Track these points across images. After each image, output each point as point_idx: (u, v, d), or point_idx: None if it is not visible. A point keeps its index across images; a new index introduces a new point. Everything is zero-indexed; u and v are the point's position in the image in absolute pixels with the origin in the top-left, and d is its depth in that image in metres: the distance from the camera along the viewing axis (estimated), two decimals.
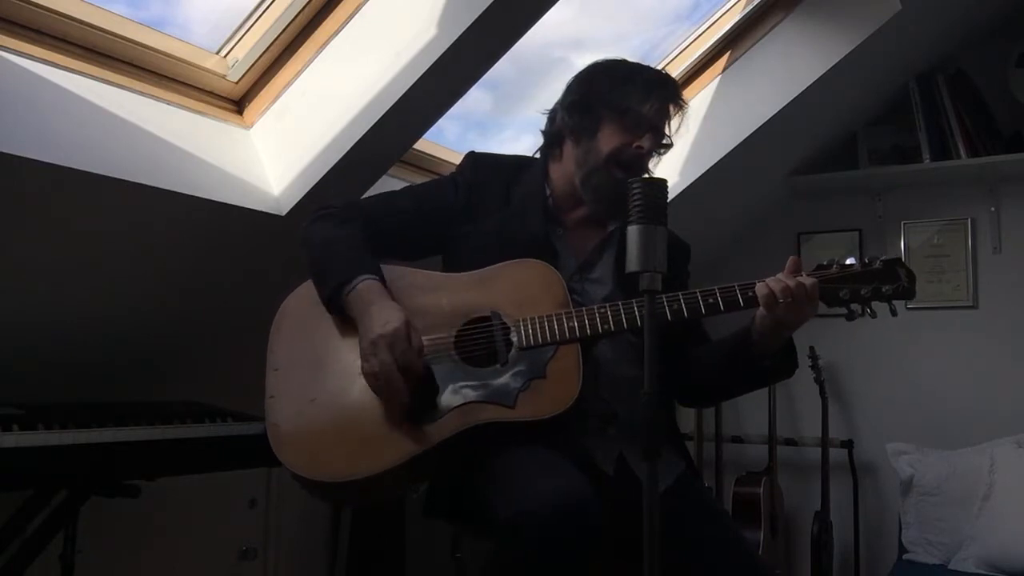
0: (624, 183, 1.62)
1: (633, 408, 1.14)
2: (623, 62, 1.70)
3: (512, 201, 1.66)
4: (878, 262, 1.50)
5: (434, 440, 1.42)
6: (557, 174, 1.70)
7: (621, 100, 1.62)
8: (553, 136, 1.71)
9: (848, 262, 1.51)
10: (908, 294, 1.49)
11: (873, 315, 1.50)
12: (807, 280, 1.45)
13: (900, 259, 1.52)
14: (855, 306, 1.49)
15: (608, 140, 1.62)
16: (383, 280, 1.51)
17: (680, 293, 1.48)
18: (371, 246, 1.57)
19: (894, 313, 1.49)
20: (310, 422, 1.47)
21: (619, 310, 1.47)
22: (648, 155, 1.64)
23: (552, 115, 1.73)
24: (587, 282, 1.63)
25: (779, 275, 1.47)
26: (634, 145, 1.61)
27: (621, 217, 1.65)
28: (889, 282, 1.48)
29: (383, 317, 1.42)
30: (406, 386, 1.40)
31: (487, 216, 1.64)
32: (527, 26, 1.86)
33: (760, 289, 1.45)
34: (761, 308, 1.46)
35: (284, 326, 1.56)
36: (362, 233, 1.59)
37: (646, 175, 1.65)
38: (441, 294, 1.53)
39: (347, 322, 1.53)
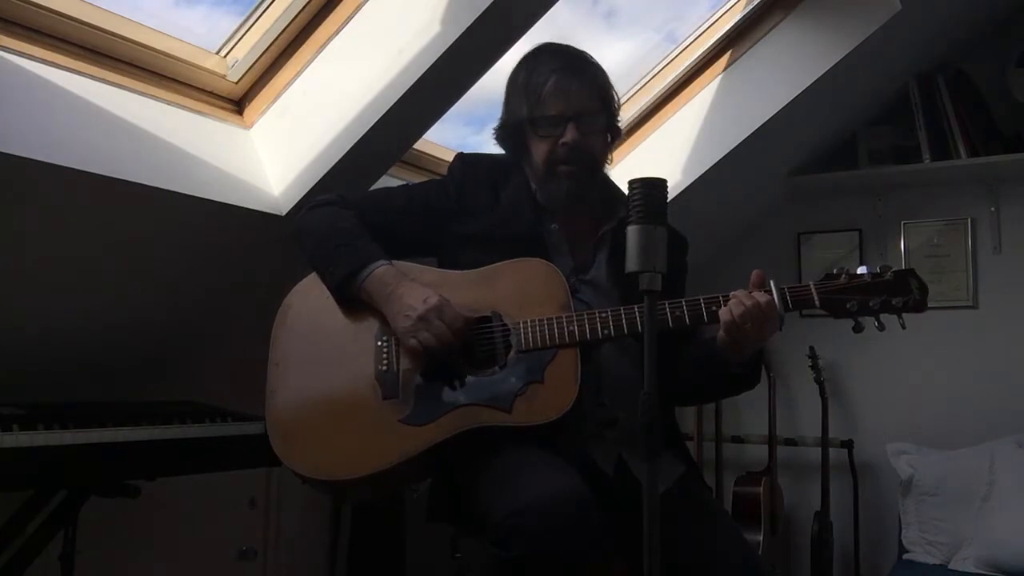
0: (578, 174, 1.58)
1: (634, 412, 1.13)
2: (521, 63, 1.67)
3: (501, 201, 1.65)
4: (890, 273, 1.44)
5: (430, 442, 1.42)
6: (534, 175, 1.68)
7: (526, 113, 1.61)
8: (514, 146, 1.69)
9: (858, 271, 1.45)
10: (919, 307, 1.43)
11: (881, 328, 1.45)
12: (762, 298, 1.41)
13: (913, 270, 1.46)
14: (863, 318, 1.44)
15: (537, 151, 1.62)
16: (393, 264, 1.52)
17: (683, 300, 1.46)
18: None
19: (904, 326, 1.44)
20: (309, 419, 1.48)
21: (620, 315, 1.45)
22: (584, 138, 1.59)
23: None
24: (582, 283, 1.62)
25: (739, 292, 1.43)
26: (560, 144, 1.59)
27: (613, 216, 1.65)
28: (900, 294, 1.43)
29: (421, 294, 1.47)
30: (459, 349, 1.46)
31: (478, 216, 1.63)
32: (527, 26, 1.86)
33: (723, 315, 1.42)
34: (720, 331, 1.44)
35: (287, 321, 1.56)
36: (360, 220, 1.59)
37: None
38: (443, 291, 1.51)
39: (352, 318, 1.53)
